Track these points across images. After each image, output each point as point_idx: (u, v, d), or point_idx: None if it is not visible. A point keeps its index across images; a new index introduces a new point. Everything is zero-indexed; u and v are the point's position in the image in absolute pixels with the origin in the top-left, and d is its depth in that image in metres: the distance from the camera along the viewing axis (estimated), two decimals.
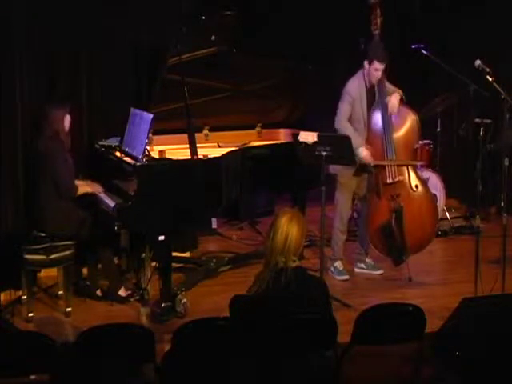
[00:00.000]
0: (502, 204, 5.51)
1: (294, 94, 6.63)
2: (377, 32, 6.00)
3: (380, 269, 6.31)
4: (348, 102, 5.94)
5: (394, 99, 5.94)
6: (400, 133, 6.03)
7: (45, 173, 5.48)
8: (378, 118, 5.98)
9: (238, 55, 6.14)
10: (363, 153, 5.89)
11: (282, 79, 6.45)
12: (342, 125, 5.93)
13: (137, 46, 6.41)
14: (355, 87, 5.97)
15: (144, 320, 5.39)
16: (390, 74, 6.10)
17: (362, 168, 5.99)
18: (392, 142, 5.96)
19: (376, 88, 6.00)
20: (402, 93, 6.05)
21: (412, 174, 6.03)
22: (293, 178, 6.12)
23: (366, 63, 5.94)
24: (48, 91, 6.02)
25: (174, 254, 5.78)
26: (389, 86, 6.07)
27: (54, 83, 6.09)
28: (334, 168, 5.97)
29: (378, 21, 5.99)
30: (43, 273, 5.93)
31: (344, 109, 5.95)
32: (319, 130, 5.56)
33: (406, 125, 6.04)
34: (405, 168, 6.02)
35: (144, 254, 5.78)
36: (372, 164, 5.94)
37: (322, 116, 6.36)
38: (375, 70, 5.90)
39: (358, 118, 5.99)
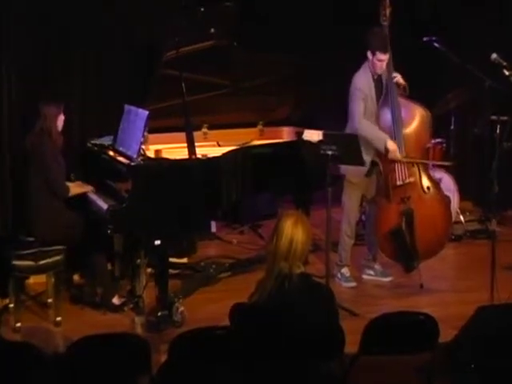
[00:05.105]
0: None
1: (298, 90, 6.63)
2: (386, 23, 6.01)
3: (389, 275, 6.32)
4: (360, 98, 5.93)
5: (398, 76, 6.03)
6: (409, 129, 6.02)
7: (34, 172, 5.50)
8: (386, 113, 5.98)
9: (239, 49, 6.16)
10: (393, 146, 5.87)
11: (284, 74, 6.45)
12: (362, 123, 5.91)
13: (131, 41, 6.44)
14: (364, 81, 5.97)
15: (139, 329, 5.40)
16: (400, 69, 6.09)
17: (372, 167, 5.98)
18: (401, 139, 5.95)
19: (384, 82, 6.02)
20: (406, 84, 6.06)
21: (423, 175, 6.03)
22: (297, 179, 6.12)
23: (369, 54, 5.94)
24: (38, 89, 6.04)
25: (171, 259, 5.78)
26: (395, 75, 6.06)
27: (45, 81, 6.12)
28: (344, 168, 5.97)
29: (387, 11, 6.00)
30: (32, 279, 5.92)
31: (359, 107, 5.93)
32: (325, 128, 5.56)
33: (416, 121, 6.04)
34: (416, 169, 6.02)
35: (139, 260, 5.80)
36: (400, 159, 5.91)
37: (329, 113, 6.37)
38: (378, 60, 5.90)
39: (370, 112, 5.98)
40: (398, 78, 6.04)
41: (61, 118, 5.63)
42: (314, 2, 7.63)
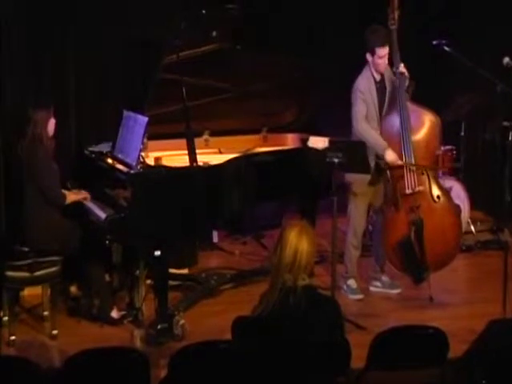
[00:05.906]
0: None
1: (303, 95, 6.64)
2: (394, 27, 5.96)
3: (397, 287, 6.31)
4: (362, 100, 5.96)
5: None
6: (419, 135, 6.02)
7: (28, 179, 5.51)
8: (394, 118, 5.99)
9: (241, 52, 6.16)
10: (391, 156, 5.88)
11: (289, 78, 6.46)
12: (363, 127, 5.93)
13: (131, 44, 6.45)
14: (365, 84, 6.00)
15: (138, 343, 5.38)
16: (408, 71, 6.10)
17: (378, 174, 5.99)
18: (410, 145, 5.96)
19: (388, 86, 6.05)
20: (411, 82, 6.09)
21: (433, 184, 6.03)
22: (301, 188, 6.13)
23: (368, 56, 5.96)
24: (33, 93, 6.06)
25: (171, 270, 5.78)
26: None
27: (40, 84, 6.14)
28: (349, 176, 5.98)
29: (396, 14, 5.95)
30: (26, 291, 5.92)
31: (360, 109, 5.96)
32: (331, 134, 5.57)
33: (425, 127, 6.03)
34: (425, 177, 6.01)
35: (138, 271, 5.79)
36: (398, 164, 5.91)
37: (335, 119, 6.38)
38: (379, 57, 5.92)
39: (372, 115, 6.01)
40: (401, 67, 5.99)
41: (52, 122, 5.61)
42: (317, 4, 7.65)
